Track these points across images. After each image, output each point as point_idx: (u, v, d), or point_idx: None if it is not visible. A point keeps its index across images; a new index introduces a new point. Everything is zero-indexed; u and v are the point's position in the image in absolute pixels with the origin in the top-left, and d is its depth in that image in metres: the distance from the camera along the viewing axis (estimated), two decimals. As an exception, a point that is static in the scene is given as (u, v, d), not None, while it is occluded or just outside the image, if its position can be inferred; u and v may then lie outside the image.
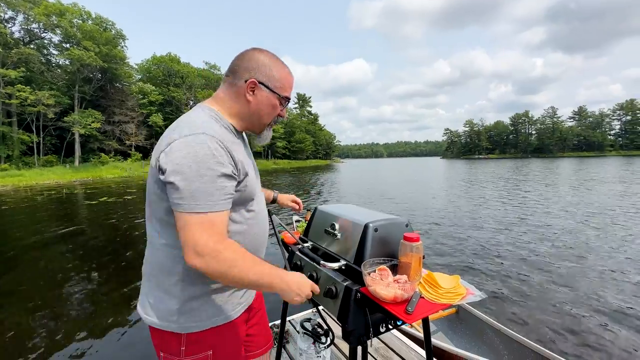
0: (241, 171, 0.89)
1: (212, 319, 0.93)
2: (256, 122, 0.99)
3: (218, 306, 0.94)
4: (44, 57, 32.65)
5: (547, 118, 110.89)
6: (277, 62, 0.96)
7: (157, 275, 0.91)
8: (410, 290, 0.99)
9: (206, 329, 0.92)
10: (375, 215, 1.33)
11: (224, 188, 0.80)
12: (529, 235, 6.57)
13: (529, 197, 12.01)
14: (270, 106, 0.97)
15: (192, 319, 0.90)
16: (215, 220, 0.78)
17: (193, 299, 0.90)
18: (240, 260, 0.77)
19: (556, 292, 3.92)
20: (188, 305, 0.89)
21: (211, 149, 0.79)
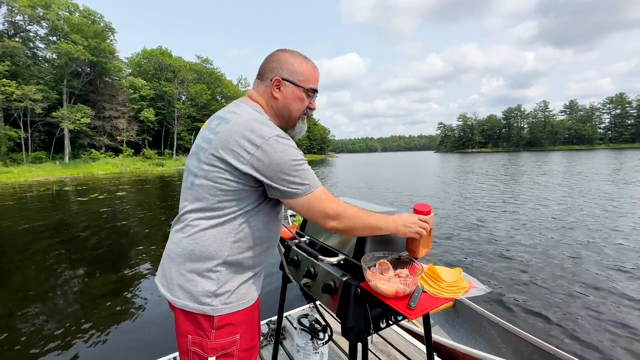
0: None
1: (242, 301, 0.97)
2: (287, 116, 1.06)
3: (247, 288, 0.99)
4: (30, 51, 31.69)
5: (539, 112, 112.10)
6: (298, 58, 1.03)
7: (193, 260, 0.94)
8: (412, 284, 0.96)
9: (236, 311, 0.97)
10: (374, 208, 1.29)
11: (312, 170, 0.96)
12: (524, 225, 6.64)
13: (524, 188, 12.14)
14: (297, 99, 1.03)
15: (224, 302, 0.94)
16: (327, 192, 0.94)
17: (229, 282, 0.95)
18: (359, 212, 0.95)
19: (554, 283, 3.96)
20: (223, 288, 0.94)
21: (294, 147, 0.94)
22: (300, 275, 1.36)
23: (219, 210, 0.94)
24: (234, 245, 0.95)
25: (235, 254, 0.96)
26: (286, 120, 1.07)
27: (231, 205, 0.93)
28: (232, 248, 0.95)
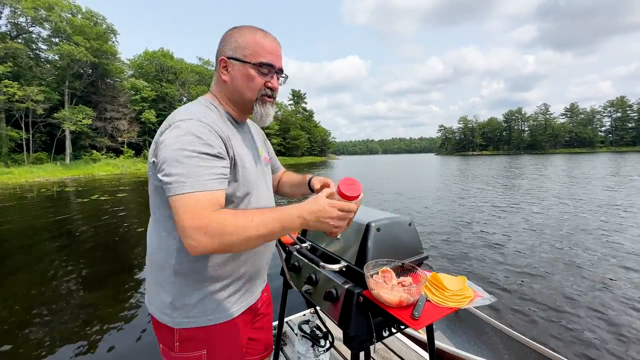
0: (233, 160, 0.87)
1: (208, 317, 0.90)
2: (240, 100, 0.93)
3: (214, 304, 0.90)
4: (32, 52, 31.84)
5: (540, 115, 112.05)
6: (244, 30, 0.88)
7: (154, 268, 0.91)
8: (416, 293, 0.94)
9: (200, 327, 0.89)
10: (376, 213, 1.28)
11: (212, 167, 0.76)
12: (527, 229, 6.61)
13: (532, 193, 12.10)
14: (245, 78, 0.88)
15: (185, 315, 0.88)
16: (201, 199, 0.71)
17: (186, 294, 0.87)
18: (231, 223, 0.69)
19: (558, 288, 3.93)
20: (181, 301, 0.87)
21: (198, 131, 0.78)
22: (301, 281, 1.34)
23: (156, 213, 0.88)
24: (180, 253, 0.85)
25: (184, 262, 0.86)
26: (241, 106, 0.94)
27: (164, 206, 0.82)
28: (179, 256, 0.85)
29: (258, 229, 0.70)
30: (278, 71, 0.92)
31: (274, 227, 0.71)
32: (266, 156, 1.11)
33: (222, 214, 0.70)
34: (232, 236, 0.68)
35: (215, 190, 0.75)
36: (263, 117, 0.94)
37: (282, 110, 77.68)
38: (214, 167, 0.77)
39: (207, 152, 0.76)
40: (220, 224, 0.68)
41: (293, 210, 0.73)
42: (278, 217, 0.72)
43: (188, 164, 0.73)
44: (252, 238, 0.70)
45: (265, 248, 1.04)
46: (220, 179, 0.78)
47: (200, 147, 0.75)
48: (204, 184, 0.73)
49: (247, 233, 0.69)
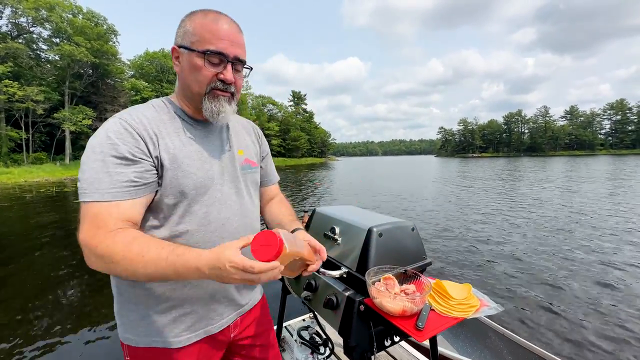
0: (166, 159, 0.75)
1: (152, 338, 0.80)
2: (189, 94, 0.81)
3: (157, 327, 0.80)
4: (33, 52, 31.82)
5: (540, 117, 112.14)
6: (196, 14, 0.77)
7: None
8: (420, 303, 0.90)
9: (144, 347, 0.81)
10: (378, 218, 1.24)
11: (118, 174, 0.68)
12: (531, 232, 6.57)
13: (530, 195, 12.07)
14: (191, 69, 0.77)
15: (130, 331, 0.82)
16: (101, 211, 0.65)
17: (128, 310, 0.81)
18: (120, 252, 0.61)
19: (563, 292, 3.87)
20: (126, 316, 0.81)
21: (111, 131, 0.70)
22: (300, 287, 1.30)
23: None
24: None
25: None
26: (192, 101, 0.82)
27: None
28: None
29: (147, 268, 0.61)
30: (233, 61, 0.79)
31: (166, 271, 0.61)
32: (249, 158, 0.97)
33: (115, 239, 0.63)
34: (118, 266, 0.62)
35: (120, 201, 0.67)
36: (214, 114, 0.80)
37: (283, 111, 77.70)
38: (120, 174, 0.68)
39: (113, 154, 0.68)
40: (108, 250, 0.62)
41: (192, 260, 0.61)
42: (173, 261, 0.61)
43: (92, 168, 0.67)
44: (139, 275, 0.62)
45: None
46: (127, 188, 0.68)
47: (107, 149, 0.68)
48: (102, 193, 0.66)
49: (134, 268, 0.62)
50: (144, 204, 0.73)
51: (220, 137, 0.91)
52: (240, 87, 0.86)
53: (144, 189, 0.72)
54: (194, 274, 0.61)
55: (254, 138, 1.06)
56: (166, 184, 0.76)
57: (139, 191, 0.71)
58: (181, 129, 0.82)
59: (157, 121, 0.78)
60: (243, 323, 0.98)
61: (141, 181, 0.71)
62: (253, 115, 59.81)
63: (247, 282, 0.59)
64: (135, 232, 0.67)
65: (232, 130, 0.96)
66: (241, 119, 1.06)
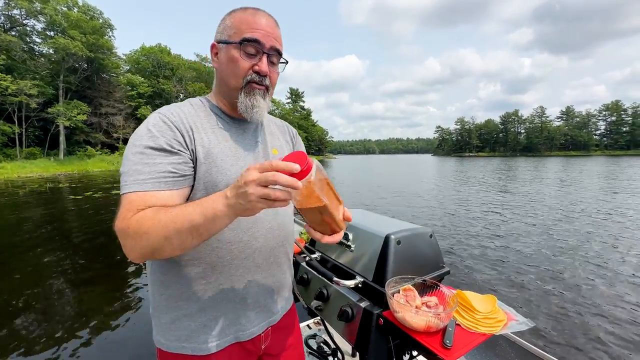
0: (201, 153, 0.75)
1: (182, 344, 0.78)
2: (226, 89, 0.81)
3: (186, 331, 0.78)
4: (27, 45, 31.28)
5: (536, 117, 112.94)
6: (237, 11, 0.78)
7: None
8: (446, 318, 0.84)
9: (176, 354, 0.78)
10: (394, 224, 1.18)
11: (155, 165, 0.67)
12: (538, 233, 6.56)
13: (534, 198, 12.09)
14: (229, 62, 0.77)
15: (161, 334, 0.80)
16: (136, 199, 0.64)
17: (161, 311, 0.79)
18: (150, 218, 0.59)
19: (574, 296, 3.84)
20: (158, 318, 0.80)
21: (150, 124, 0.72)
22: (310, 296, 1.23)
23: None
24: (156, 262, 0.79)
25: (157, 272, 0.79)
26: (230, 97, 0.81)
27: None
28: (154, 264, 0.79)
29: (175, 220, 0.57)
30: (269, 52, 0.77)
31: (193, 214, 0.57)
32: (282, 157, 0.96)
33: (145, 211, 0.61)
34: (151, 234, 0.58)
35: (156, 192, 0.66)
36: (249, 108, 0.79)
37: (280, 108, 77.35)
38: (158, 164, 0.67)
39: (152, 145, 0.68)
40: (138, 222, 0.60)
41: (220, 192, 0.59)
42: (199, 202, 0.59)
43: (131, 161, 0.67)
44: (171, 233, 0.58)
45: (256, 266, 0.82)
46: (165, 178, 0.67)
47: (146, 141, 0.69)
48: (140, 183, 0.65)
49: (162, 226, 0.58)
50: (182, 196, 0.71)
51: (255, 135, 0.90)
52: (275, 82, 0.85)
53: (182, 181, 0.71)
54: (219, 204, 0.56)
55: (288, 138, 1.05)
56: (200, 178, 0.74)
57: (177, 183, 0.70)
58: (216, 125, 0.82)
59: (193, 116, 0.78)
60: (274, 334, 0.93)
61: (179, 172, 0.70)
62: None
63: (261, 188, 0.50)
64: (150, 209, 0.63)
65: (267, 130, 0.96)
66: (276, 119, 1.06)
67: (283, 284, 0.93)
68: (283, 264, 0.92)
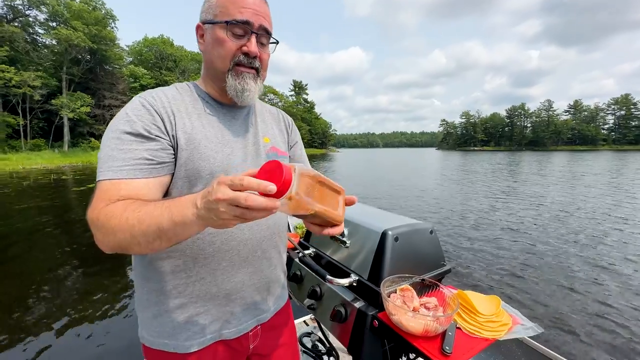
0: (182, 139, 0.70)
1: (164, 341, 0.74)
2: (213, 73, 0.76)
3: (168, 327, 0.74)
4: (29, 36, 31.20)
5: (543, 111, 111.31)
6: None
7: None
8: (445, 322, 0.77)
9: (155, 349, 0.75)
10: (392, 219, 1.10)
11: (131, 151, 0.63)
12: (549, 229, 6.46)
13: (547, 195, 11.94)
14: (215, 43, 0.72)
15: (145, 330, 0.77)
16: (110, 188, 0.61)
17: (145, 307, 0.76)
18: (118, 215, 0.55)
19: (586, 297, 3.75)
20: (142, 313, 0.77)
21: (129, 108, 0.68)
22: (303, 293, 1.18)
23: None
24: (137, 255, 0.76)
25: (138, 265, 0.75)
26: (215, 80, 0.77)
27: None
28: (136, 256, 0.76)
29: (142, 222, 0.53)
30: (258, 32, 0.73)
31: (161, 218, 0.52)
32: (275, 146, 0.89)
33: (116, 205, 0.58)
34: (117, 232, 0.54)
35: (131, 180, 0.62)
36: (238, 92, 0.74)
37: (284, 101, 76.90)
38: (134, 151, 0.64)
39: (128, 130, 0.65)
40: (107, 216, 0.56)
41: (188, 197, 0.52)
42: (168, 205, 0.53)
43: (107, 146, 0.64)
44: (137, 234, 0.53)
45: (241, 260, 0.77)
46: (141, 166, 0.64)
47: (123, 126, 0.65)
48: (115, 171, 0.62)
49: (129, 226, 0.53)
50: (160, 185, 0.67)
51: (246, 122, 0.85)
52: (266, 63, 0.80)
53: (159, 169, 0.67)
54: (188, 212, 0.50)
55: (282, 126, 0.98)
56: (180, 165, 0.70)
57: (154, 170, 0.66)
58: (203, 110, 0.77)
59: (177, 101, 0.74)
60: (265, 333, 0.88)
61: (156, 160, 0.66)
62: (253, 104, 59.07)
63: (237, 217, 0.45)
64: (125, 202, 0.59)
65: (260, 117, 0.90)
66: (270, 107, 1.00)
67: (273, 280, 0.87)
68: (273, 259, 0.86)
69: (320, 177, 0.54)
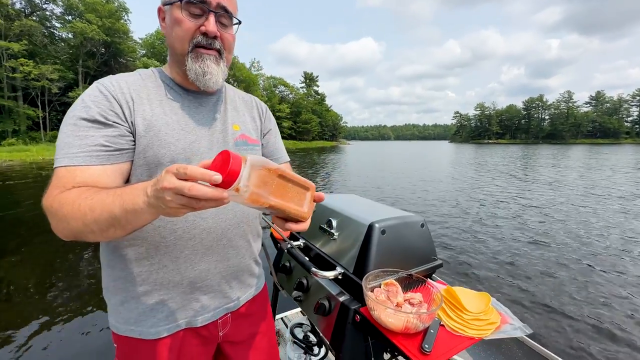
0: (140, 125, 0.68)
1: (130, 327, 0.74)
2: (174, 57, 0.74)
3: (134, 313, 0.74)
4: (47, 30, 31.92)
5: (562, 103, 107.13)
6: None
7: None
8: (427, 319, 0.74)
9: (123, 336, 0.75)
10: (382, 211, 1.07)
11: (86, 137, 0.62)
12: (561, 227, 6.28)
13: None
14: (174, 24, 0.70)
15: (113, 316, 0.77)
16: (65, 175, 0.60)
17: (112, 294, 0.76)
18: (71, 202, 0.55)
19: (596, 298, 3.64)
20: (109, 300, 0.77)
21: (86, 94, 0.67)
22: (291, 285, 1.16)
23: None
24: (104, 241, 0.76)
25: (105, 251, 0.74)
26: (178, 65, 0.74)
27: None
28: (103, 243, 0.76)
29: (94, 209, 0.52)
30: (216, 10, 0.70)
31: (112, 206, 0.51)
32: (246, 134, 0.86)
33: (70, 192, 0.57)
34: (70, 220, 0.54)
35: (87, 167, 0.61)
36: (199, 75, 0.72)
37: (294, 93, 76.57)
38: (90, 137, 0.63)
39: (84, 117, 0.64)
40: (60, 203, 0.56)
41: (139, 185, 0.51)
42: (120, 193, 0.52)
43: (64, 133, 0.63)
44: (89, 222, 0.53)
45: (205, 248, 0.76)
46: (97, 152, 0.63)
47: (79, 112, 0.64)
48: (71, 157, 0.61)
49: (81, 213, 0.53)
50: (119, 172, 0.66)
51: (215, 109, 0.82)
52: (230, 44, 0.77)
53: (117, 156, 0.66)
54: (139, 200, 0.49)
55: (255, 114, 0.95)
56: (139, 152, 0.68)
57: (111, 157, 0.65)
58: (165, 96, 0.75)
59: (138, 87, 0.72)
60: (236, 321, 0.88)
61: (113, 146, 0.65)
62: (264, 96, 59.09)
63: (185, 205, 0.44)
64: (80, 189, 0.58)
65: (230, 104, 0.88)
66: (243, 94, 0.97)
67: (242, 269, 0.86)
68: (241, 248, 0.84)
69: (281, 170, 0.52)
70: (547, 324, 3.00)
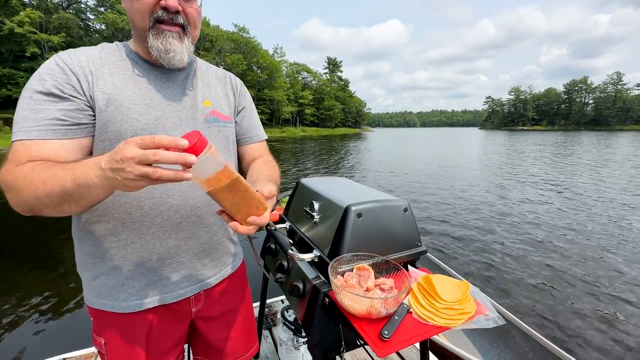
0: (100, 99, 0.67)
1: (102, 301, 0.76)
2: (136, 32, 0.73)
3: (106, 288, 0.76)
4: (82, 22, 33.53)
5: (610, 85, 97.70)
6: None
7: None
8: (392, 304, 0.71)
9: (97, 309, 0.77)
10: (364, 194, 1.03)
11: (42, 111, 0.62)
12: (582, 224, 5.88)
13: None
14: None
15: (88, 292, 0.78)
16: (20, 149, 0.60)
17: (84, 269, 0.78)
18: (24, 176, 0.55)
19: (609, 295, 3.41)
20: (82, 275, 0.79)
21: (43, 67, 0.65)
22: (274, 267, 1.16)
23: None
24: (75, 217, 0.76)
25: (76, 228, 0.76)
26: (139, 39, 0.73)
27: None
28: (75, 217, 0.75)
29: (46, 183, 0.53)
30: None
31: (64, 180, 0.52)
32: (217, 110, 0.85)
33: (25, 166, 0.57)
34: (23, 193, 0.55)
35: (42, 140, 0.61)
36: (162, 53, 0.70)
37: (317, 79, 75.71)
38: (45, 111, 0.62)
39: (40, 90, 0.63)
40: (14, 176, 0.56)
41: (96, 158, 0.51)
42: (72, 167, 0.53)
43: (21, 106, 0.63)
44: (41, 195, 0.53)
45: (173, 225, 0.76)
46: (53, 126, 0.62)
47: (35, 85, 0.63)
48: (26, 131, 0.61)
49: (34, 187, 0.54)
50: (79, 147, 0.66)
51: (184, 84, 0.81)
52: (194, 19, 0.74)
53: (75, 130, 0.65)
54: (92, 173, 0.50)
55: (228, 90, 0.92)
56: (100, 127, 0.68)
57: (68, 131, 0.64)
58: (131, 71, 0.73)
59: (99, 61, 0.71)
60: (209, 298, 0.89)
61: (70, 120, 0.64)
62: (287, 83, 58.88)
63: (144, 177, 0.45)
64: (34, 164, 0.59)
65: (201, 80, 0.85)
66: (218, 69, 0.94)
67: (214, 247, 0.86)
68: (212, 225, 0.84)
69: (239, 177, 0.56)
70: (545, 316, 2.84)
